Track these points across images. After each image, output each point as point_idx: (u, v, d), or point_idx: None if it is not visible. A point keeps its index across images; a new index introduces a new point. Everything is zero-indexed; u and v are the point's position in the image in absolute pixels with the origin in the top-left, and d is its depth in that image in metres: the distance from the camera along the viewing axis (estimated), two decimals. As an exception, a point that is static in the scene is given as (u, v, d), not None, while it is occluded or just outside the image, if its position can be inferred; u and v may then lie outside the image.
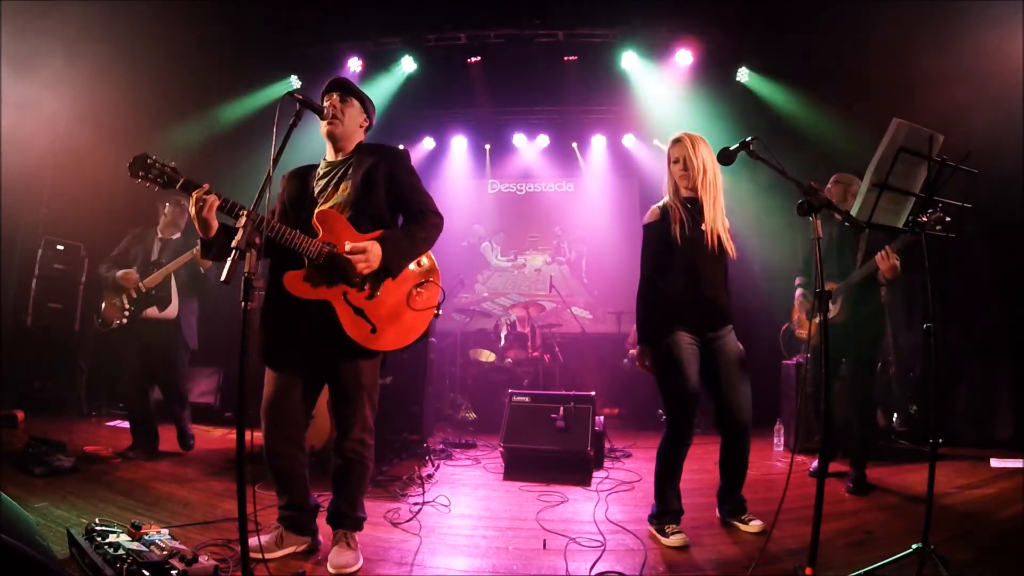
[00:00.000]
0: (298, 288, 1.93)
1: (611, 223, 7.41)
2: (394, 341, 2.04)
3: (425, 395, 4.17)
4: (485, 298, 7.50)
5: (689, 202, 2.42)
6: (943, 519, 2.44)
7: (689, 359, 2.32)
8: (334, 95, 2.13)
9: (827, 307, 1.82)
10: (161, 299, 3.60)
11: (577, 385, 5.53)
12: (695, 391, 2.31)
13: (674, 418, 2.36)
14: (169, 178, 1.83)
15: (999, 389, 4.25)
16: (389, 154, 2.15)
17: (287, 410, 2.03)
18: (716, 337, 2.39)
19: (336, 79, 2.17)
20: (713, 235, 2.35)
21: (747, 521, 2.42)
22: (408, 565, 2.05)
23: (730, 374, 2.37)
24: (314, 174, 2.16)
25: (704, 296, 2.36)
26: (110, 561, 1.67)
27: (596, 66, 6.05)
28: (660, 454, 2.41)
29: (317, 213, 2.01)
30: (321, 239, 1.96)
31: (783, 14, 4.97)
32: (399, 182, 2.11)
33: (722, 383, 2.38)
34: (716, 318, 2.39)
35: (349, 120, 2.13)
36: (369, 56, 6.15)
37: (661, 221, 2.41)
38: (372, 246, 1.93)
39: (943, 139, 1.94)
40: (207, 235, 1.85)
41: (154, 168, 1.82)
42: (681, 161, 2.39)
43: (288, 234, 1.90)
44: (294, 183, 2.16)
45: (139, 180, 1.83)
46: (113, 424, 4.56)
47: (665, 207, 2.44)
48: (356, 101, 2.16)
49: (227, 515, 2.41)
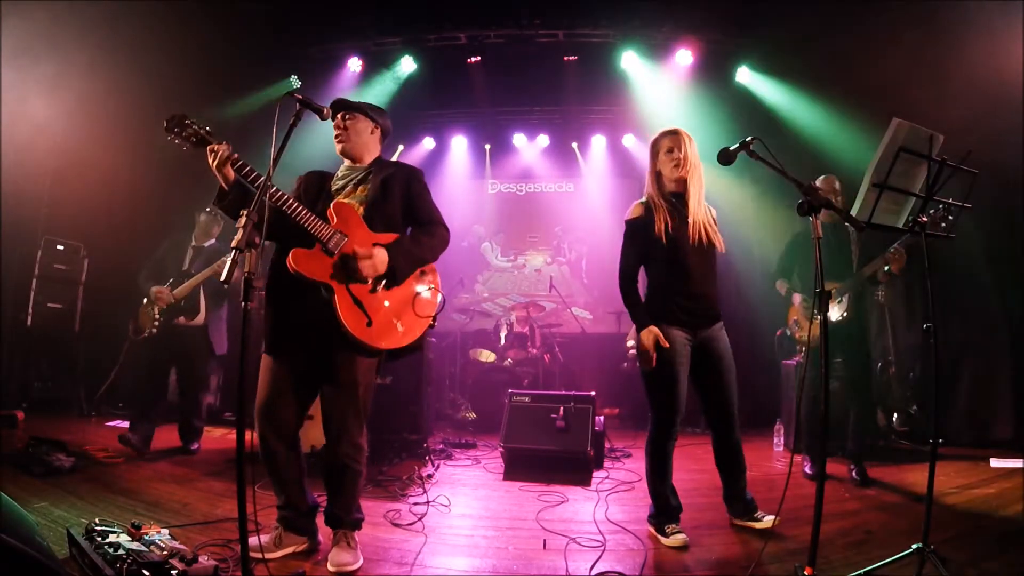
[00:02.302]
0: (303, 265, 1.93)
1: (611, 223, 7.39)
2: (388, 341, 2.03)
3: (425, 395, 4.17)
4: (485, 298, 7.50)
5: (674, 196, 2.40)
6: (943, 519, 2.44)
7: (679, 358, 2.31)
8: (337, 116, 2.20)
9: (827, 307, 1.82)
10: (189, 309, 3.73)
11: (577, 385, 5.54)
12: (682, 389, 2.31)
13: (660, 416, 2.35)
14: (201, 138, 1.91)
15: (999, 389, 4.24)
16: (407, 169, 2.26)
17: (282, 411, 2.03)
18: (709, 335, 2.37)
19: (336, 100, 2.22)
20: (697, 228, 2.34)
21: (760, 518, 2.40)
22: (408, 565, 2.05)
23: (722, 372, 2.37)
24: (332, 176, 2.23)
25: (694, 292, 2.34)
26: (110, 561, 1.67)
27: (596, 66, 6.05)
28: (648, 453, 2.40)
29: (334, 204, 2.06)
30: (335, 227, 2.00)
31: (783, 14, 4.97)
32: (413, 193, 2.20)
33: (714, 381, 2.37)
34: (708, 315, 2.38)
35: (357, 135, 2.20)
36: (369, 56, 6.14)
37: (645, 216, 2.39)
38: (379, 251, 1.98)
39: (943, 139, 1.94)
40: (225, 184, 1.93)
41: (190, 128, 1.90)
42: (675, 151, 2.36)
43: (304, 213, 1.94)
44: (312, 180, 2.23)
45: (171, 137, 1.90)
46: (113, 424, 4.56)
47: (648, 203, 2.42)
48: (359, 115, 2.22)
49: (227, 515, 2.42)
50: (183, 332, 3.73)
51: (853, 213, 1.99)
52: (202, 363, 3.85)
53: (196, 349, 3.80)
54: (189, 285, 3.67)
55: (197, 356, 3.81)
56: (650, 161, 2.47)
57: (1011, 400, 4.16)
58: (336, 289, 1.95)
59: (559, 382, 5.61)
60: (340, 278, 1.96)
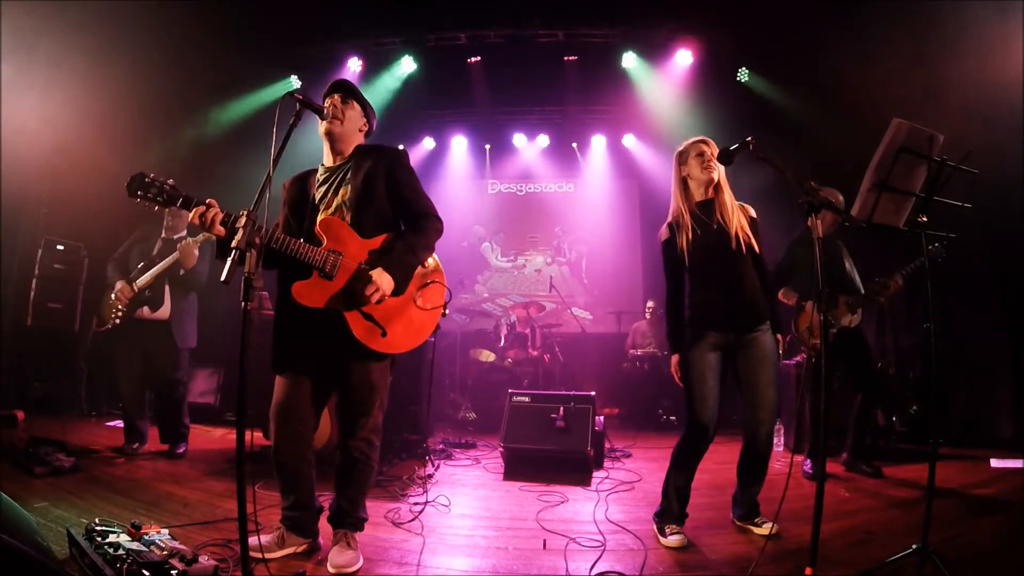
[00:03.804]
0: (307, 298, 1.92)
1: (611, 223, 7.42)
2: (405, 343, 2.05)
3: (425, 395, 4.17)
4: (485, 298, 7.50)
5: (701, 206, 2.39)
6: (943, 519, 2.43)
7: (707, 368, 2.30)
8: (336, 96, 2.13)
9: (827, 307, 1.82)
10: (152, 300, 3.58)
11: (577, 385, 5.54)
12: (709, 401, 2.29)
13: (689, 423, 2.35)
14: (169, 196, 1.83)
15: (999, 389, 4.25)
16: (387, 153, 2.15)
17: (296, 410, 2.03)
18: (747, 339, 2.32)
19: (339, 80, 2.18)
20: (728, 233, 2.31)
21: (760, 524, 2.41)
22: (408, 565, 2.05)
23: (755, 378, 2.31)
24: (313, 180, 2.16)
25: (725, 298, 2.32)
26: (110, 561, 1.67)
27: (596, 66, 6.06)
28: (673, 453, 2.42)
29: (320, 222, 2.00)
30: (326, 247, 1.96)
31: (783, 14, 4.97)
32: (398, 182, 2.11)
33: (746, 388, 2.34)
34: (744, 319, 2.32)
35: (348, 122, 2.12)
36: (369, 56, 6.15)
37: (670, 236, 2.41)
38: (382, 278, 1.92)
39: (943, 139, 1.94)
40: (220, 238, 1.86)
41: (153, 187, 1.81)
42: (705, 153, 2.35)
43: (294, 245, 1.90)
44: (294, 190, 2.16)
45: (138, 200, 1.81)
46: (113, 424, 4.56)
47: (672, 223, 2.42)
48: (357, 104, 2.17)
49: (227, 515, 2.41)
50: (145, 325, 3.56)
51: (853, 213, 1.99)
52: (167, 357, 3.63)
53: (159, 343, 3.60)
54: (151, 275, 3.50)
55: (161, 350, 3.61)
56: (676, 170, 2.44)
57: (1011, 400, 4.16)
58: (346, 314, 1.95)
59: (559, 382, 5.61)
60: (349, 305, 1.96)
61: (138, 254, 3.67)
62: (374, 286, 1.90)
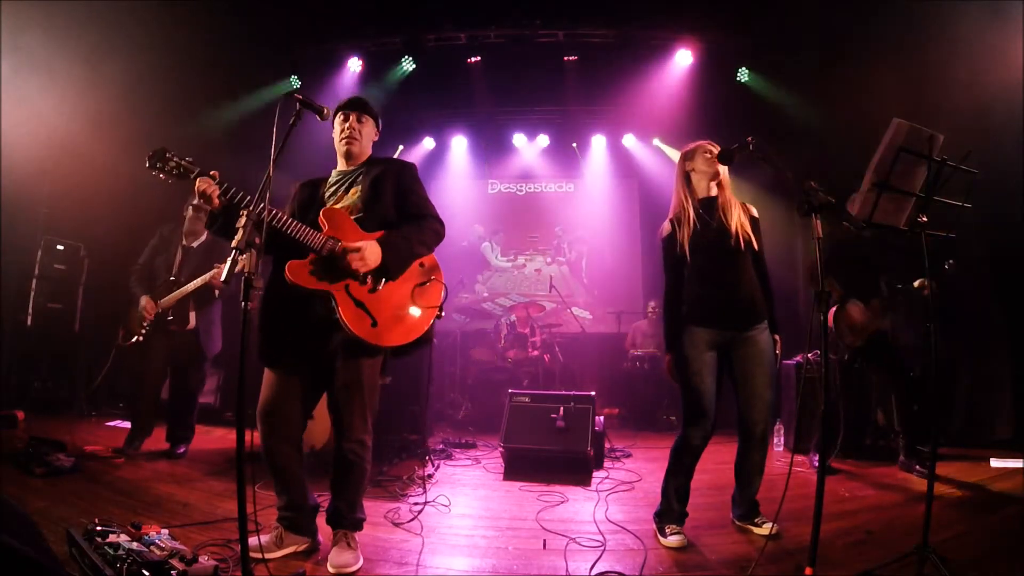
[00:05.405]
0: (301, 277, 1.93)
1: (611, 223, 7.41)
2: (395, 338, 2.04)
3: (425, 395, 4.17)
4: (485, 298, 7.50)
5: (704, 204, 2.40)
6: (943, 519, 2.43)
7: (703, 366, 2.30)
8: (351, 115, 2.21)
9: (827, 307, 1.82)
10: (177, 319, 3.61)
11: (577, 385, 5.55)
12: (705, 397, 2.29)
13: (685, 421, 2.35)
14: (184, 170, 1.93)
15: (999, 389, 4.24)
16: (397, 163, 2.28)
17: (284, 411, 2.03)
18: (744, 337, 2.32)
19: (354, 99, 2.27)
20: (732, 230, 2.32)
21: (760, 524, 2.40)
22: (408, 565, 2.05)
23: (751, 377, 2.31)
24: (324, 183, 2.24)
25: (722, 296, 2.33)
26: (110, 561, 1.67)
27: (596, 66, 6.05)
28: (671, 452, 2.42)
29: (323, 211, 2.06)
30: (326, 234, 1.99)
31: (782, 14, 4.97)
32: (404, 187, 2.19)
33: (742, 387, 2.34)
34: (741, 316, 2.33)
35: (365, 138, 2.25)
36: (369, 56, 6.15)
37: (672, 233, 2.42)
38: (370, 245, 1.96)
39: (943, 139, 1.94)
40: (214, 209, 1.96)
41: (171, 161, 1.92)
42: (712, 152, 2.38)
43: (292, 224, 1.93)
44: (305, 191, 2.24)
45: (155, 172, 1.92)
46: (113, 424, 4.56)
47: (674, 219, 2.44)
48: (370, 119, 2.26)
49: (227, 515, 2.41)
50: (174, 338, 3.61)
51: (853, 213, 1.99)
52: (194, 370, 3.71)
53: (188, 356, 3.66)
54: (175, 297, 3.54)
55: (189, 364, 3.68)
56: (680, 166, 2.47)
57: (1011, 400, 4.16)
58: (337, 296, 1.95)
59: (559, 382, 5.61)
60: (335, 278, 1.96)
61: (161, 266, 3.68)
62: (359, 255, 1.93)
